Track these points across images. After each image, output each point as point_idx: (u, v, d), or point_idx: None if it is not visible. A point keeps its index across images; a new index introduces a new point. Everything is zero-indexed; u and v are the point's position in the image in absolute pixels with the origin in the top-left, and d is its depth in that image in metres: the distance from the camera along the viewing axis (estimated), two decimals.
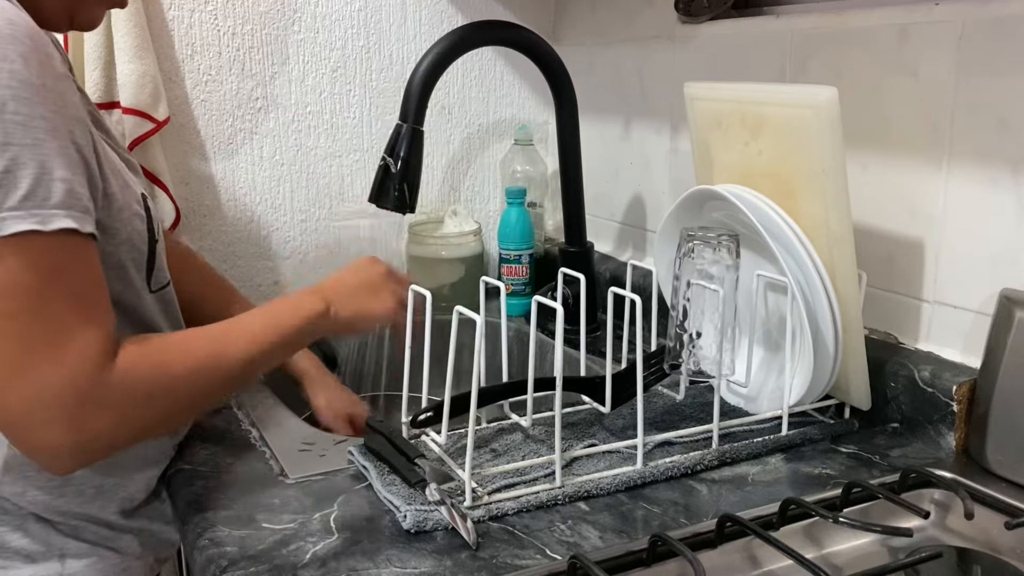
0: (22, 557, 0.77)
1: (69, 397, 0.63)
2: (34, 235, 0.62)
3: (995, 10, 0.82)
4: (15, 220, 0.61)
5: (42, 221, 0.62)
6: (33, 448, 0.65)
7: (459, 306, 0.75)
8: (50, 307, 0.63)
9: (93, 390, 0.64)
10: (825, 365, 0.85)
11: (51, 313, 0.63)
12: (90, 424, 0.65)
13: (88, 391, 0.64)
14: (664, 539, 0.65)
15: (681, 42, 1.22)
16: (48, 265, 0.63)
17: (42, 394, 0.63)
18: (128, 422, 0.67)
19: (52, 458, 0.66)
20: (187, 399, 0.72)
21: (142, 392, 0.67)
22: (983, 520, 0.73)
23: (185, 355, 0.71)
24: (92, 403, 0.64)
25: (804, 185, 0.84)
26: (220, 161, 1.32)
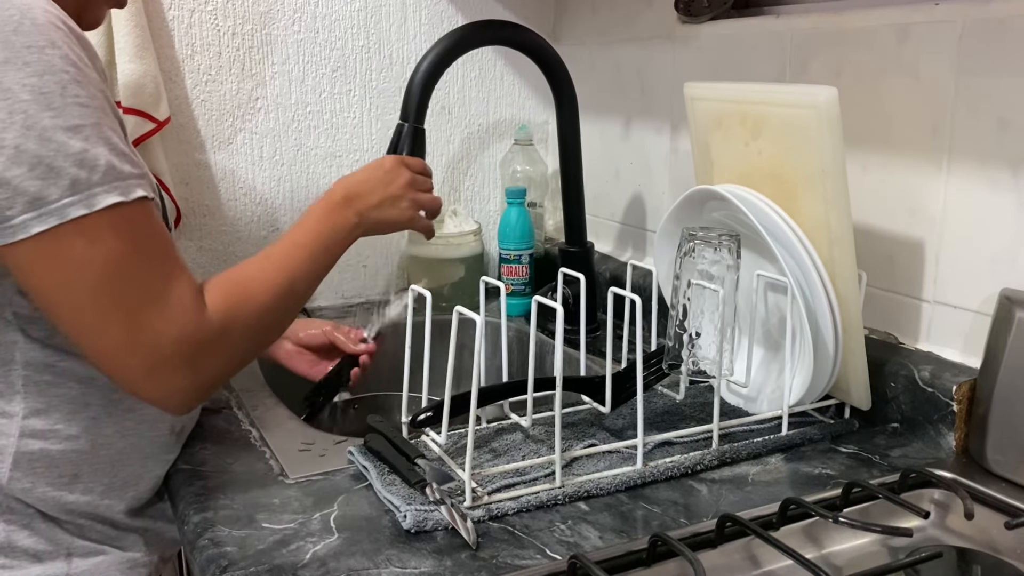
0: (29, 556, 0.77)
1: (184, 345, 0.69)
2: (120, 206, 0.66)
3: (995, 10, 0.82)
4: (103, 194, 0.65)
5: (124, 192, 0.66)
6: (160, 398, 0.71)
7: (459, 306, 0.75)
8: (144, 270, 0.68)
9: (201, 333, 0.70)
10: (825, 365, 0.85)
11: (146, 275, 0.68)
12: (206, 363, 0.71)
13: (197, 335, 0.70)
14: (664, 539, 0.65)
15: (681, 42, 1.22)
16: (135, 231, 0.68)
17: (160, 349, 0.68)
18: (236, 353, 0.74)
19: (180, 402, 0.72)
20: (275, 321, 0.78)
21: (241, 324, 0.73)
22: (983, 520, 0.73)
23: (263, 284, 0.76)
24: (204, 344, 0.70)
25: (804, 185, 0.84)
26: (220, 161, 1.32)
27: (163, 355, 0.69)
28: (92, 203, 0.65)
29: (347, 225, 0.85)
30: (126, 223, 0.67)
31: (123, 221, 0.67)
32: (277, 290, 0.77)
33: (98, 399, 0.77)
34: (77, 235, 0.65)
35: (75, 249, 0.65)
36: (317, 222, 0.83)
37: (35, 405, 0.75)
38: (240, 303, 0.74)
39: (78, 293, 0.66)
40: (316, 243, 0.82)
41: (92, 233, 0.65)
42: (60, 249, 0.65)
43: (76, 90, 0.64)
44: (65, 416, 0.76)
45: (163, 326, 0.68)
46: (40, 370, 0.75)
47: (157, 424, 0.82)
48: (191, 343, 0.70)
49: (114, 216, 0.66)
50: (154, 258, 0.69)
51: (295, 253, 0.80)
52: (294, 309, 0.81)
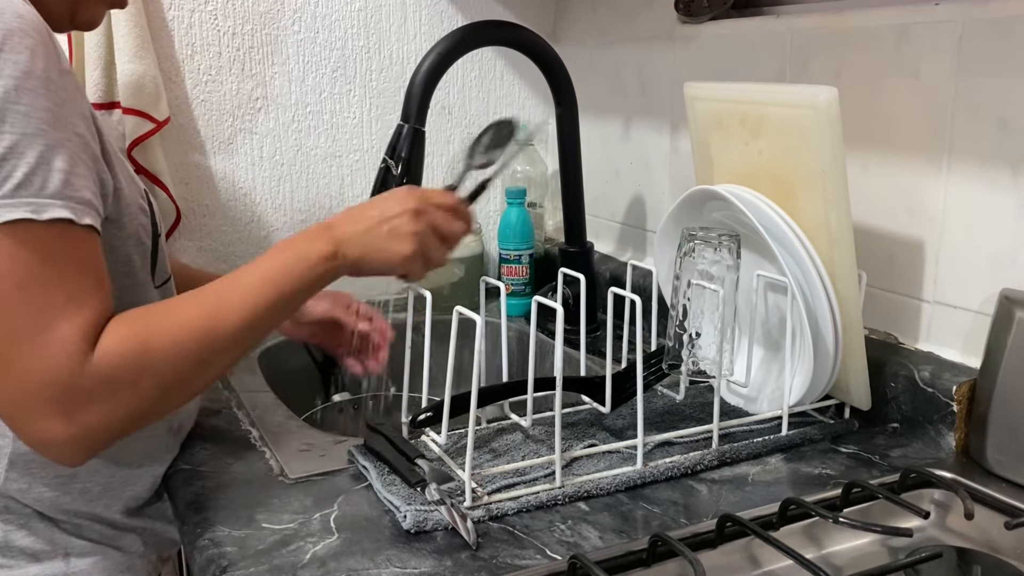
0: (27, 556, 0.77)
1: (53, 390, 0.62)
2: (27, 223, 0.61)
3: (995, 10, 0.82)
4: (8, 208, 0.61)
5: (36, 210, 0.62)
6: (32, 441, 0.65)
7: (459, 306, 0.75)
8: (36, 297, 0.62)
9: (75, 381, 0.63)
10: (825, 365, 0.85)
11: (37, 303, 0.62)
12: (80, 415, 0.63)
13: (70, 383, 0.62)
14: (664, 539, 0.65)
15: (681, 42, 1.22)
16: (38, 254, 0.62)
17: (26, 387, 0.62)
18: (118, 409, 0.65)
19: (54, 450, 0.65)
20: (175, 377, 0.67)
21: (126, 376, 0.64)
22: (983, 520, 0.73)
23: (173, 328, 0.66)
24: (77, 394, 0.63)
25: (804, 185, 0.84)
26: (220, 161, 1.32)
27: (30, 396, 0.62)
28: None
29: (315, 255, 0.71)
30: (32, 244, 0.62)
31: (29, 241, 0.61)
32: (192, 338, 0.67)
33: None
34: None
35: None
36: (275, 255, 0.72)
37: None
38: (137, 347, 0.65)
39: None
40: (264, 280, 0.70)
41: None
42: None
43: (18, 96, 0.61)
44: None
45: (33, 364, 0.62)
46: None
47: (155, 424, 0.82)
48: (59, 389, 0.62)
49: (18, 233, 0.61)
50: (51, 288, 0.62)
51: (230, 294, 0.69)
52: (216, 360, 0.69)
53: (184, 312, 0.68)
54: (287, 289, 0.70)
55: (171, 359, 0.66)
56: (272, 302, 0.70)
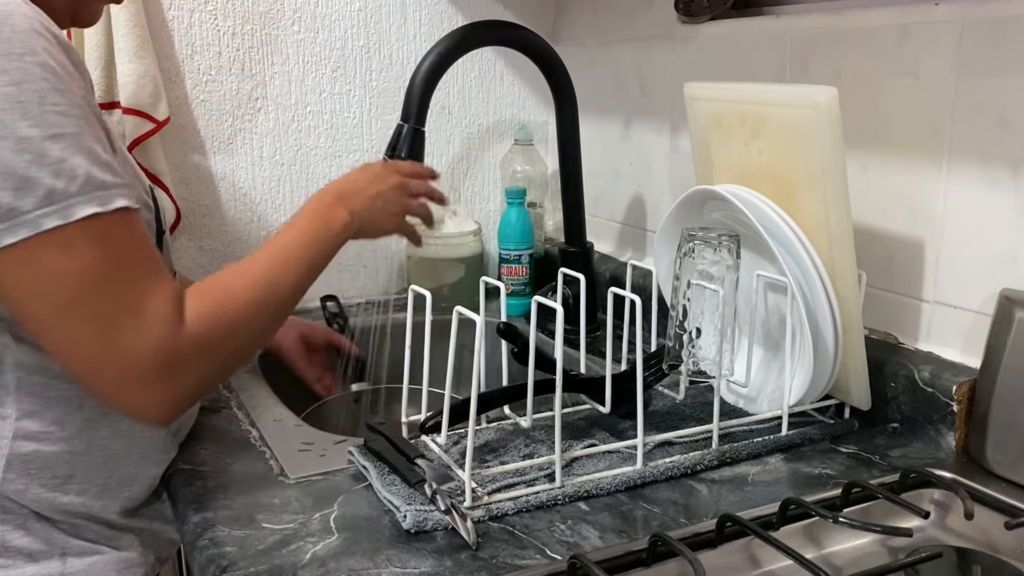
0: (24, 556, 0.77)
1: (159, 359, 0.67)
2: (97, 217, 0.65)
3: (995, 10, 0.82)
4: (80, 205, 0.64)
5: (102, 202, 0.65)
6: (136, 411, 0.70)
7: (459, 306, 0.75)
8: (120, 282, 0.67)
9: (177, 346, 0.68)
10: (825, 365, 0.85)
11: (122, 288, 0.67)
12: (183, 377, 0.69)
13: (174, 348, 0.68)
14: (664, 539, 0.65)
15: (681, 42, 1.22)
16: (113, 242, 0.66)
17: (134, 363, 0.67)
18: (215, 364, 0.72)
19: (157, 415, 0.71)
20: (258, 329, 0.76)
21: (215, 337, 0.71)
22: (983, 520, 0.73)
23: (247, 291, 0.74)
24: (180, 358, 0.69)
25: (804, 185, 0.84)
26: (220, 161, 1.32)
27: (138, 369, 0.67)
28: (68, 214, 0.63)
29: (339, 223, 0.83)
30: (103, 234, 0.66)
31: (100, 232, 0.65)
32: (261, 297, 0.75)
33: (93, 400, 0.77)
34: (51, 246, 0.63)
35: (49, 260, 0.64)
36: (308, 222, 0.82)
37: (28, 407, 0.75)
38: (221, 313, 0.72)
39: (52, 305, 0.65)
40: (305, 245, 0.80)
41: (67, 244, 0.64)
42: (33, 260, 0.64)
43: (55, 98, 0.63)
44: (59, 417, 0.76)
45: (138, 340, 0.67)
46: (32, 372, 0.74)
47: None
48: (167, 357, 0.68)
49: (91, 227, 0.65)
50: (131, 270, 0.67)
51: (282, 257, 0.78)
52: (280, 315, 0.79)
53: (248, 276, 0.76)
54: (321, 251, 0.81)
55: (247, 317, 0.74)
56: (312, 263, 0.80)
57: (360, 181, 0.88)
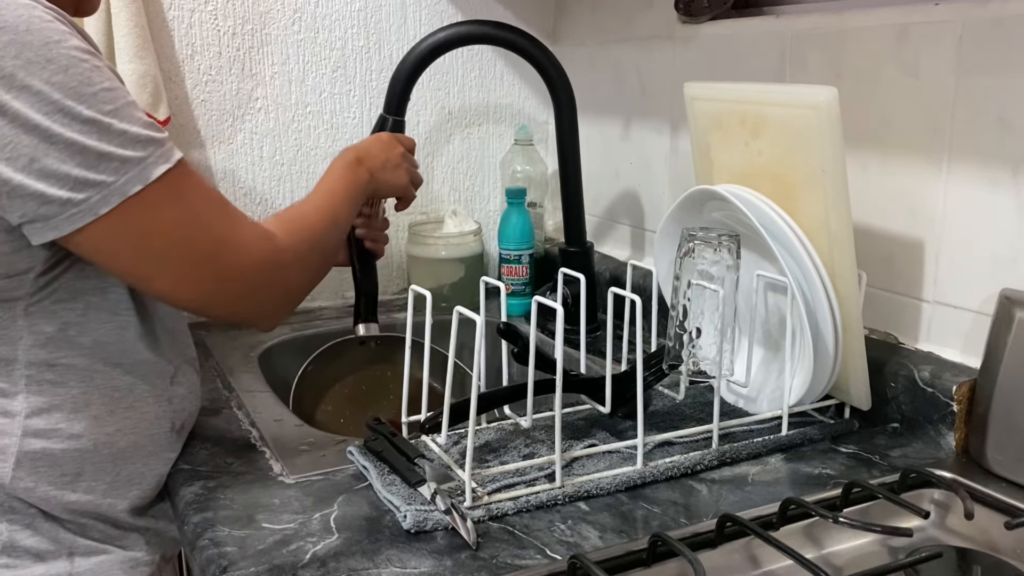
0: (32, 556, 0.78)
1: (268, 270, 0.77)
2: (169, 173, 0.70)
3: (995, 10, 0.82)
4: (153, 166, 0.69)
5: (167, 158, 0.71)
6: (258, 319, 0.81)
7: (459, 306, 0.75)
8: (209, 219, 0.74)
9: (278, 256, 0.78)
10: (825, 365, 0.85)
11: (211, 224, 0.74)
12: (287, 282, 0.80)
13: (275, 259, 0.78)
14: (664, 539, 0.65)
15: (681, 42, 1.22)
16: (187, 190, 0.72)
17: (247, 280, 0.76)
18: (307, 273, 0.84)
19: (271, 320, 0.83)
20: (329, 246, 0.88)
21: (307, 245, 0.83)
22: (983, 520, 0.73)
23: (317, 216, 0.87)
24: (282, 266, 0.79)
25: (804, 185, 0.84)
26: (220, 161, 1.32)
27: (251, 285, 0.76)
28: (145, 176, 0.69)
29: (362, 180, 0.95)
30: (177, 185, 0.71)
31: (174, 185, 0.71)
32: (328, 222, 0.88)
33: (99, 398, 0.77)
34: (140, 208, 0.69)
35: (144, 220, 0.70)
36: (342, 176, 0.94)
37: (37, 404, 0.75)
38: (302, 230, 0.83)
39: (156, 259, 0.72)
40: (346, 190, 0.93)
41: (152, 203, 0.70)
42: (128, 224, 0.69)
43: (98, 77, 0.67)
44: (67, 415, 0.76)
45: (244, 260, 0.75)
46: (42, 369, 0.75)
47: (157, 422, 0.82)
48: (272, 267, 0.78)
49: (166, 183, 0.70)
50: (210, 207, 0.74)
51: (335, 196, 0.91)
52: (339, 241, 0.93)
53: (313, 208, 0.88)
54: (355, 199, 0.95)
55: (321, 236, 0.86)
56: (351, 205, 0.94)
57: (373, 147, 1.00)
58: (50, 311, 0.74)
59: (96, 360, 0.77)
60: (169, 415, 0.83)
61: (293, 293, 0.83)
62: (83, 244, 0.69)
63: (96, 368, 0.77)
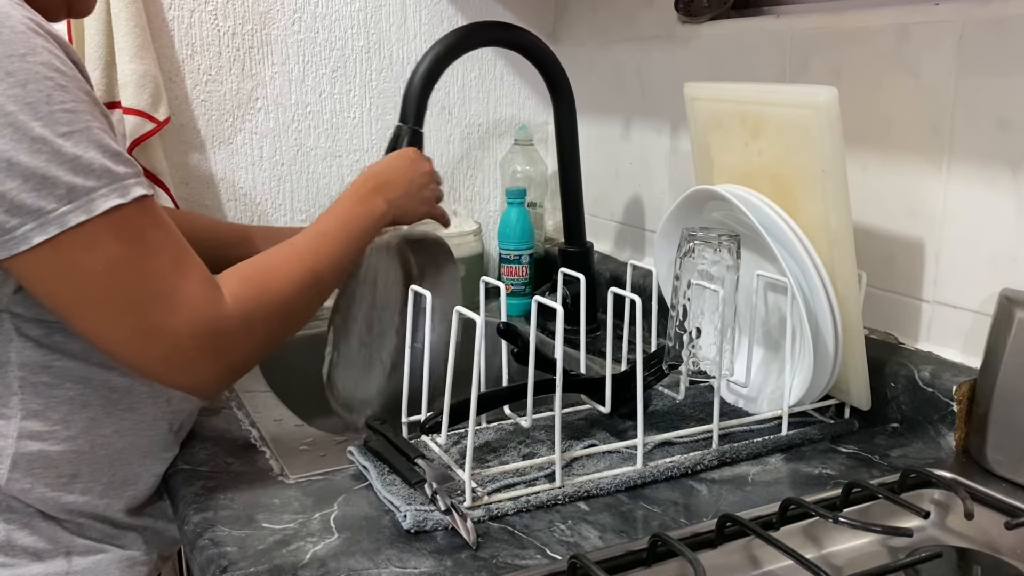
0: (29, 555, 0.77)
1: (201, 336, 0.70)
2: (119, 209, 0.66)
3: (995, 10, 0.82)
4: (101, 199, 0.65)
5: (122, 193, 0.66)
6: (186, 387, 0.73)
7: (459, 306, 0.75)
8: (150, 268, 0.68)
9: (218, 322, 0.71)
10: (825, 365, 0.85)
11: (153, 273, 0.68)
12: (228, 350, 0.72)
13: (213, 325, 0.70)
14: (664, 539, 0.65)
15: (681, 42, 1.22)
16: (137, 231, 0.68)
17: (177, 343, 0.69)
18: (258, 342, 0.75)
19: (207, 389, 0.74)
20: (300, 308, 0.79)
21: (263, 311, 0.74)
22: (983, 520, 0.73)
23: (286, 271, 0.77)
24: (222, 333, 0.71)
25: (804, 185, 0.84)
26: (220, 161, 1.32)
27: (181, 349, 0.69)
28: (91, 208, 0.64)
29: (377, 212, 0.87)
30: (127, 224, 0.67)
31: (124, 223, 0.67)
32: (301, 277, 0.78)
33: (96, 399, 0.77)
34: (79, 242, 0.65)
35: (79, 255, 0.65)
36: (347, 210, 0.86)
37: (32, 407, 0.75)
38: (261, 291, 0.74)
39: (87, 298, 0.67)
40: (344, 230, 0.84)
41: (94, 238, 0.65)
42: (63, 257, 0.65)
43: (61, 96, 0.64)
44: (63, 417, 0.76)
45: (176, 322, 0.69)
46: (37, 371, 0.74)
47: (156, 423, 0.82)
48: (208, 333, 0.70)
49: (114, 219, 0.66)
50: (159, 255, 0.69)
51: (321, 241, 0.82)
52: (321, 295, 0.82)
53: (289, 260, 0.79)
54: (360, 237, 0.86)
55: (289, 297, 0.76)
56: (351, 248, 0.85)
57: (398, 170, 0.92)
58: (36, 318, 0.73)
59: (91, 362, 0.76)
60: (168, 416, 0.83)
61: (238, 364, 0.74)
62: (12, 269, 0.66)
63: (92, 369, 0.76)
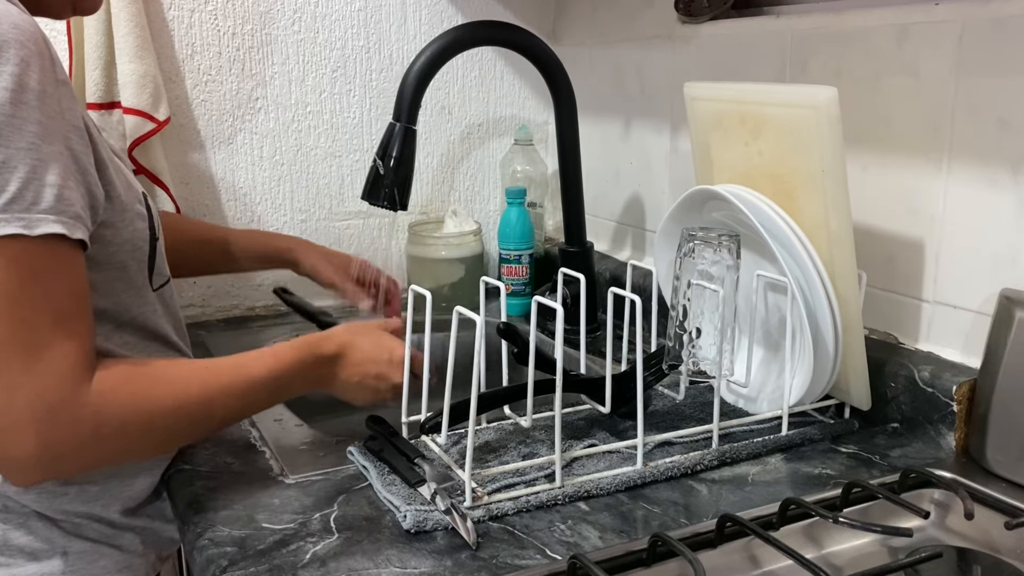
0: (25, 555, 0.77)
1: (38, 408, 0.62)
2: (19, 239, 0.61)
3: (995, 10, 0.82)
4: (1, 223, 0.61)
5: (28, 225, 0.61)
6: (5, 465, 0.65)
7: (459, 306, 0.75)
8: (27, 314, 0.62)
9: (63, 405, 0.63)
10: (825, 365, 0.85)
11: (28, 320, 0.62)
12: (57, 439, 0.63)
13: (58, 405, 0.63)
14: (664, 539, 0.65)
15: (681, 42, 1.22)
16: (30, 270, 0.62)
17: (12, 401, 0.62)
18: (97, 444, 0.66)
19: (16, 467, 0.65)
20: (165, 435, 0.71)
21: (116, 418, 0.66)
22: (983, 520, 0.73)
23: (173, 392, 0.69)
24: (61, 418, 0.63)
25: (804, 185, 0.84)
26: (220, 161, 1.32)
27: (9, 409, 0.62)
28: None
29: (322, 378, 0.81)
30: (17, 259, 0.61)
31: (18, 255, 0.61)
32: (188, 407, 0.70)
33: None
34: None
35: None
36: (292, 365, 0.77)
37: None
38: (132, 396, 0.67)
39: None
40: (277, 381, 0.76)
41: None
42: None
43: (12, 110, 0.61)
44: None
45: (22, 380, 0.62)
46: None
47: None
48: (45, 409, 0.62)
49: (8, 249, 0.61)
50: (43, 306, 0.63)
51: (237, 381, 0.74)
52: (200, 434, 0.76)
53: (188, 382, 0.71)
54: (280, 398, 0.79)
55: (165, 420, 0.69)
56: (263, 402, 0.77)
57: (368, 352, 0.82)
58: None
59: None
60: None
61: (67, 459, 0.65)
62: None
63: None
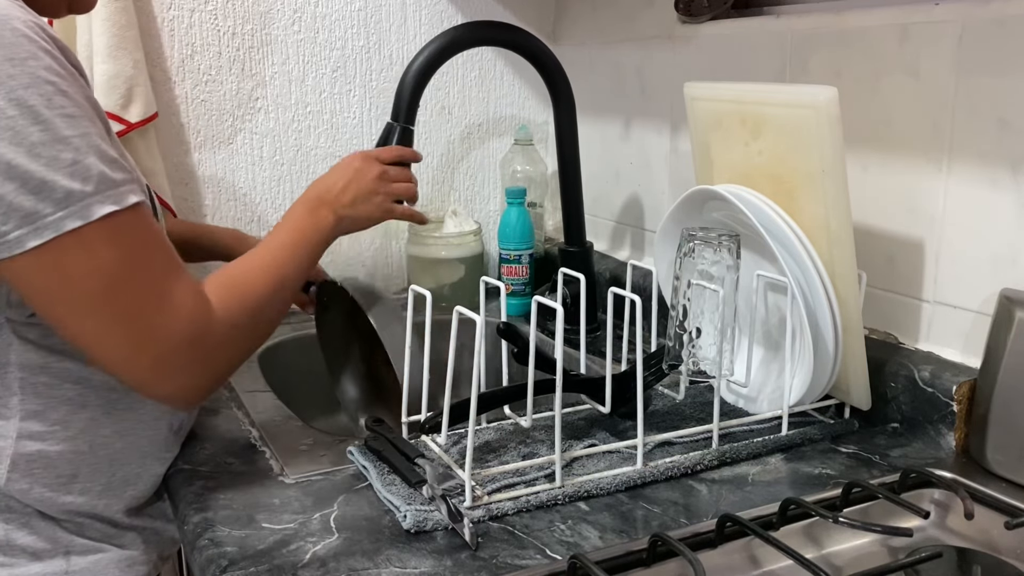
0: (28, 554, 0.77)
1: (194, 343, 0.71)
2: (115, 215, 0.66)
3: (995, 10, 0.82)
4: (98, 205, 0.65)
5: (117, 200, 0.66)
6: (170, 395, 0.73)
7: (459, 306, 0.75)
8: (143, 275, 0.69)
9: (208, 327, 0.72)
10: (825, 365, 0.85)
11: (146, 280, 0.69)
12: (215, 358, 0.73)
13: (205, 329, 0.72)
14: (664, 539, 0.65)
15: (681, 42, 1.22)
16: (131, 238, 0.68)
17: (168, 349, 0.70)
18: (242, 345, 0.77)
19: (191, 398, 0.75)
20: (272, 314, 0.81)
21: (245, 318, 0.76)
22: (983, 520, 0.73)
23: (261, 279, 0.79)
24: (211, 341, 0.72)
25: (804, 185, 0.84)
26: (220, 161, 1.32)
27: (172, 355, 0.70)
28: (87, 214, 0.64)
29: (326, 224, 0.88)
30: (121, 231, 0.67)
31: (118, 229, 0.67)
32: (273, 285, 0.79)
33: (96, 400, 0.77)
34: (74, 247, 0.65)
35: (73, 261, 0.65)
36: (299, 222, 0.87)
37: (32, 407, 0.75)
38: (242, 299, 0.76)
39: (80, 304, 0.67)
40: (300, 241, 0.85)
41: (89, 244, 0.65)
42: (58, 262, 0.65)
43: (62, 101, 0.64)
44: (63, 417, 0.76)
45: (169, 327, 0.69)
46: (36, 372, 0.75)
47: (156, 423, 0.82)
48: (200, 340, 0.71)
49: (109, 225, 0.66)
50: (152, 262, 0.70)
51: (284, 252, 0.83)
52: (288, 302, 0.84)
53: (259, 268, 0.80)
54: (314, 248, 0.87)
55: (264, 303, 0.78)
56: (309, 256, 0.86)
57: (340, 180, 0.91)
58: (34, 321, 0.73)
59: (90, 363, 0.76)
60: (168, 416, 0.83)
61: (221, 372, 0.76)
62: (5, 272, 0.66)
63: (91, 370, 0.76)
